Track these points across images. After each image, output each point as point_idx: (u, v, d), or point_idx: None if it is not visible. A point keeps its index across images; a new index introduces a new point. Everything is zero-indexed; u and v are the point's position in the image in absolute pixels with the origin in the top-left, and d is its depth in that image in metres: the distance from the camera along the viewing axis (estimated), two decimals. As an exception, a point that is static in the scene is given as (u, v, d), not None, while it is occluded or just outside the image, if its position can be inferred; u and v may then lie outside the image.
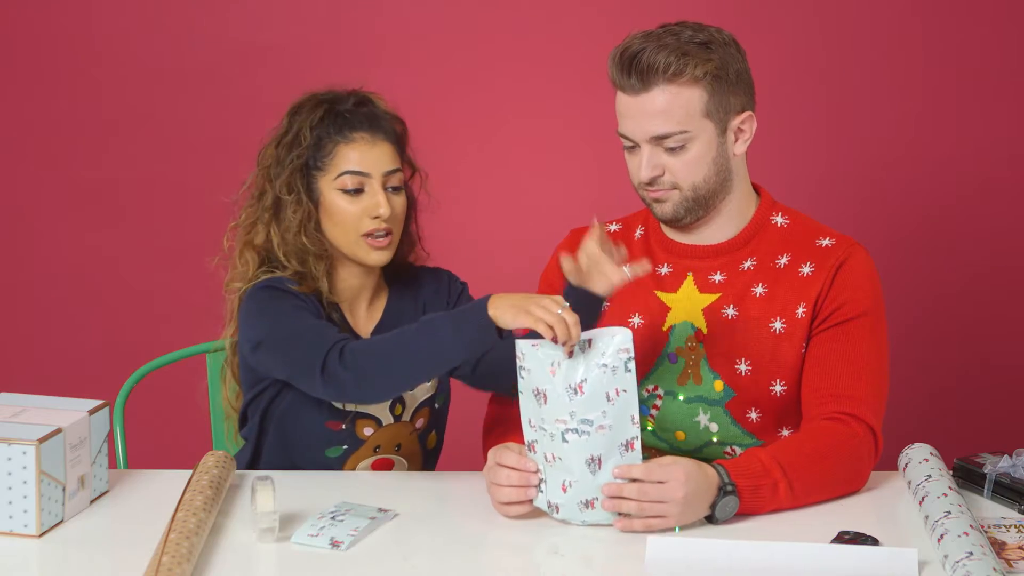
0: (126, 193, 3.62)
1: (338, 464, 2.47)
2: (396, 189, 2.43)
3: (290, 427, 2.46)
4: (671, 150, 2.31)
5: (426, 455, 2.55)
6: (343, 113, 2.43)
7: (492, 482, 2.17)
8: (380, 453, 2.48)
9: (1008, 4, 3.51)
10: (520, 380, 2.12)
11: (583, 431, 2.06)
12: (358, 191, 2.40)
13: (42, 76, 3.60)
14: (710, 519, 2.13)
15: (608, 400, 2.07)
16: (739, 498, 2.13)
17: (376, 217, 2.39)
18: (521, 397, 2.14)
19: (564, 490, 2.11)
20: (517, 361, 2.12)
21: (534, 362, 2.09)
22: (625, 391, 2.07)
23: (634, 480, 2.08)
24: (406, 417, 2.48)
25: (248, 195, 2.48)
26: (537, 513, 2.19)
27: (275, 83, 3.53)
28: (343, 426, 2.43)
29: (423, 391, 2.49)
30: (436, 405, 2.52)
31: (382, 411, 2.45)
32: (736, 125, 2.34)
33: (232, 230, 2.49)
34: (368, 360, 2.25)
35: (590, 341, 2.05)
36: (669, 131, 2.29)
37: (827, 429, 2.25)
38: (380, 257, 2.41)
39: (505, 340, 2.20)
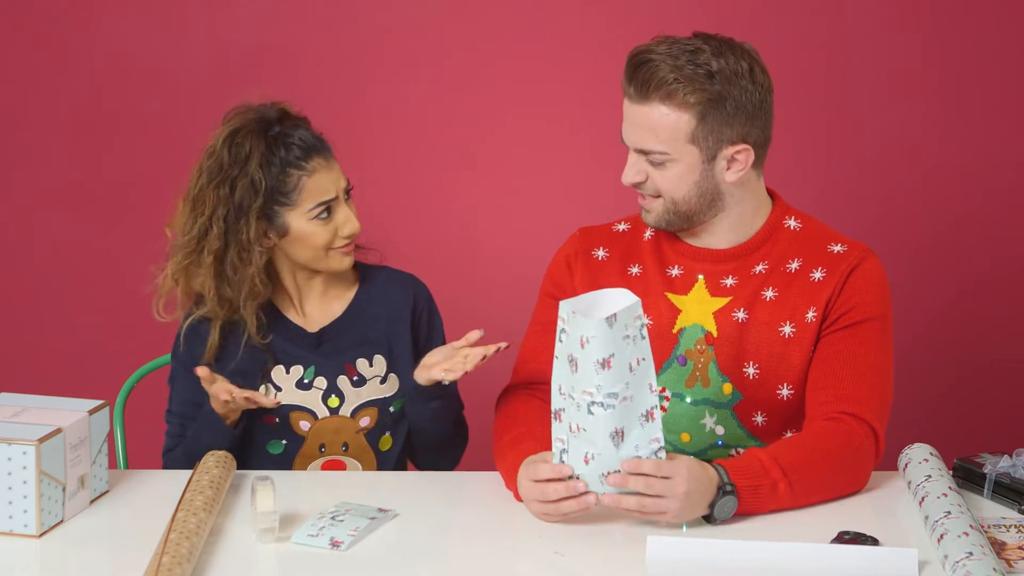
0: (126, 193, 3.62)
1: (285, 464, 2.48)
2: (349, 197, 2.49)
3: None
4: (654, 163, 2.33)
5: (380, 458, 2.53)
6: (284, 138, 2.42)
7: (542, 500, 2.13)
8: (327, 454, 2.50)
9: (1014, 7, 3.51)
10: (559, 343, 2.09)
11: (608, 404, 2.04)
12: (327, 215, 2.44)
13: (42, 76, 3.60)
14: (708, 518, 2.13)
15: (631, 371, 2.05)
16: (738, 498, 2.13)
17: (347, 236, 2.45)
18: (556, 361, 2.10)
19: (586, 461, 2.09)
20: (559, 323, 2.08)
21: (572, 328, 2.06)
22: (643, 359, 2.06)
23: (642, 474, 2.08)
24: (345, 412, 2.48)
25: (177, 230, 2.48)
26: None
27: (276, 83, 3.50)
28: (276, 420, 2.46)
29: (371, 388, 2.49)
30: (391, 408, 2.51)
31: (315, 402, 2.47)
32: (729, 154, 2.32)
33: (163, 265, 2.49)
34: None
35: (616, 315, 2.02)
36: (650, 149, 2.31)
37: (828, 429, 2.25)
38: (350, 262, 2.49)
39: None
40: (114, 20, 3.58)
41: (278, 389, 2.48)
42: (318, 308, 2.53)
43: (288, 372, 2.48)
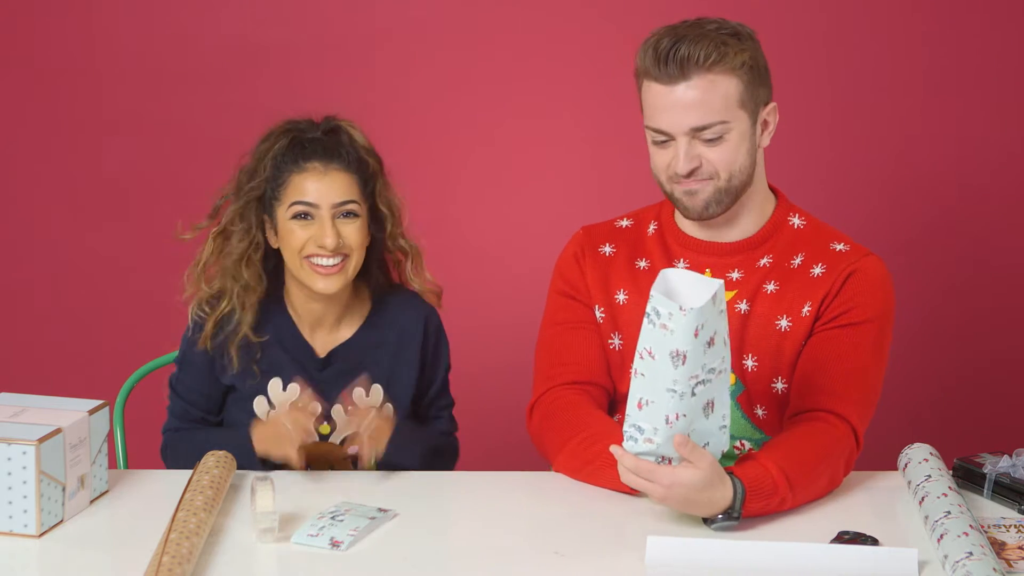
0: (126, 192, 3.62)
1: None
2: (349, 215, 2.44)
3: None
4: (708, 141, 2.29)
5: None
6: (303, 142, 2.44)
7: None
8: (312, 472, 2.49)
9: (1011, 5, 3.51)
10: (659, 332, 2.00)
11: (707, 380, 2.03)
12: (307, 218, 2.42)
13: (42, 76, 3.60)
14: (705, 521, 2.13)
15: (725, 344, 2.05)
16: (744, 515, 2.11)
17: (320, 246, 2.41)
18: (666, 352, 2.01)
19: (691, 434, 2.06)
20: (655, 304, 1.99)
21: (678, 324, 1.98)
22: (728, 331, 2.06)
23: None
24: (335, 439, 2.48)
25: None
26: (537, 513, 2.20)
27: (275, 83, 3.53)
28: None
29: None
30: None
31: None
32: (763, 117, 2.34)
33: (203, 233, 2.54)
34: (169, 454, 2.52)
35: (715, 294, 2.00)
36: (708, 122, 2.27)
37: (822, 431, 2.24)
38: (327, 284, 2.43)
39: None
40: (114, 20, 3.58)
41: (272, 406, 2.47)
42: (329, 332, 2.52)
43: (284, 389, 2.48)
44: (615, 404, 2.46)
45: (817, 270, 2.36)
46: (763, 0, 3.47)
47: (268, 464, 2.46)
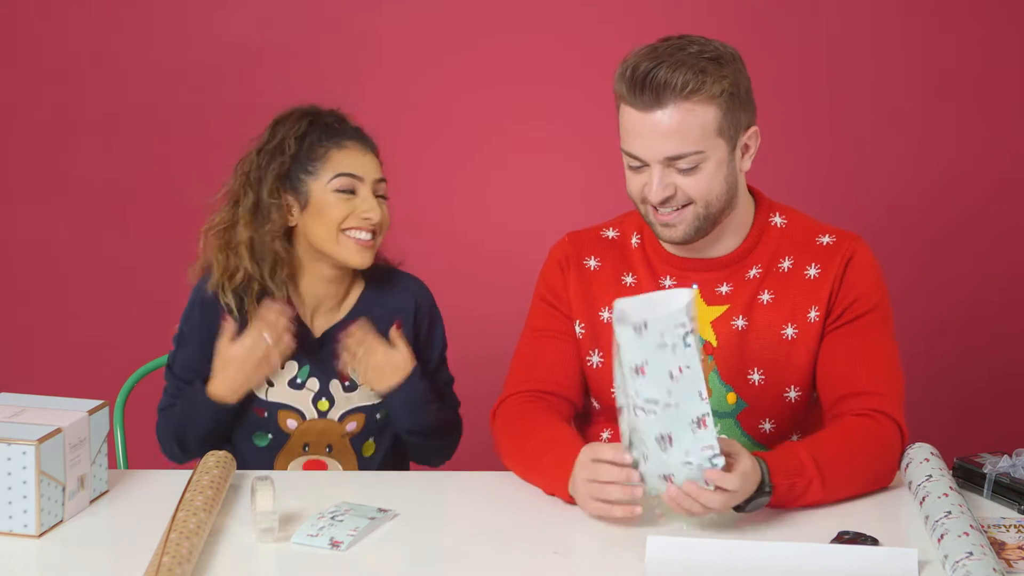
0: (126, 193, 3.63)
1: (268, 456, 2.52)
2: (382, 198, 2.49)
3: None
4: (683, 170, 2.24)
5: (362, 462, 2.56)
6: (331, 124, 2.50)
7: (592, 479, 2.09)
8: (310, 453, 2.53)
9: (1012, 10, 3.51)
10: (614, 343, 2.03)
11: (649, 410, 2.00)
12: (351, 192, 2.45)
13: (42, 76, 3.60)
14: (737, 508, 2.11)
15: (672, 379, 1.98)
16: (772, 495, 2.11)
17: (366, 219, 2.44)
18: (614, 360, 2.05)
19: (644, 459, 2.06)
20: (614, 323, 2.02)
21: (616, 331, 2.00)
22: (688, 367, 1.98)
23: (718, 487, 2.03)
24: (333, 416, 2.51)
25: (223, 200, 2.54)
26: (536, 513, 2.20)
27: (276, 83, 3.54)
28: (265, 414, 2.50)
29: (361, 395, 2.51)
30: (378, 415, 2.53)
31: (304, 403, 2.51)
32: (744, 141, 2.29)
33: (205, 233, 2.55)
34: (159, 433, 2.56)
35: (646, 323, 1.97)
36: (683, 151, 2.22)
37: (860, 425, 2.23)
38: (365, 258, 2.47)
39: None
40: (114, 20, 3.58)
41: (270, 384, 2.50)
42: (326, 314, 2.55)
43: (283, 367, 2.50)
44: (589, 417, 2.45)
45: (812, 271, 2.34)
46: (761, 5, 3.48)
47: (255, 452, 2.48)
